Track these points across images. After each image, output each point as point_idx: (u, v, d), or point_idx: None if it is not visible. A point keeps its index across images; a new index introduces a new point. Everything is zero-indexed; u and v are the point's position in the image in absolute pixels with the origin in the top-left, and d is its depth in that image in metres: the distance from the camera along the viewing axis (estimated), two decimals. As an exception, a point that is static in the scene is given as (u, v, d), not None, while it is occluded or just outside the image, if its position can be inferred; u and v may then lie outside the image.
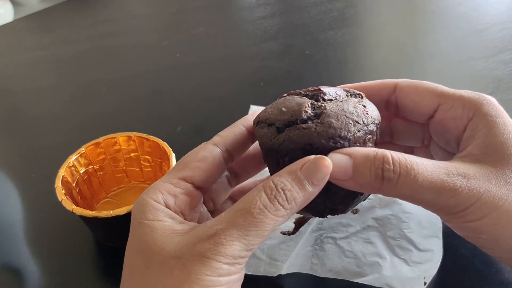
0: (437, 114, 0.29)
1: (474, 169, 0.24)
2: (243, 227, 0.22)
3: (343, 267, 0.33)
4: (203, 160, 0.27)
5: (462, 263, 0.34)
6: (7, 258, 0.38)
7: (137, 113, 0.55)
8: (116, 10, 0.84)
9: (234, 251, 0.22)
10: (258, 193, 0.23)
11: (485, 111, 0.26)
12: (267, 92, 0.56)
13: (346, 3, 0.78)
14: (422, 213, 0.36)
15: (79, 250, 0.37)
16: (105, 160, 0.40)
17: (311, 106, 0.26)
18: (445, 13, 0.75)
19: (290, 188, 0.23)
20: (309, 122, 0.25)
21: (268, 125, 0.27)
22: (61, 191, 0.34)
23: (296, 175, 0.23)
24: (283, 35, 0.70)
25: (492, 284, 0.33)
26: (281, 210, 0.22)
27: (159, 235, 0.23)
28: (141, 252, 0.23)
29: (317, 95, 0.27)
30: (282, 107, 0.27)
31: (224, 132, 0.29)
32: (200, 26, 0.74)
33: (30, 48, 0.71)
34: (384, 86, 0.31)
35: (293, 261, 0.34)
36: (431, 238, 0.34)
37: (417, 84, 0.30)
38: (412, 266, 0.33)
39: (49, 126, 0.54)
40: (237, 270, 0.22)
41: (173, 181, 0.26)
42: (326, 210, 0.27)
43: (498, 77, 0.56)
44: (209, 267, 0.21)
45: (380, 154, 0.23)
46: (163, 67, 0.64)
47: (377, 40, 0.69)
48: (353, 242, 0.35)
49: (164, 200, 0.25)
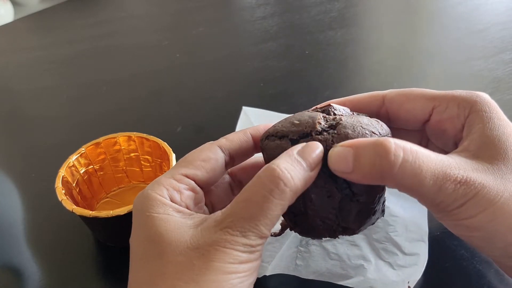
0: (433, 117, 0.29)
1: (472, 164, 0.24)
2: (252, 218, 0.22)
3: (328, 269, 0.33)
4: (207, 160, 0.27)
5: (462, 263, 0.34)
6: (7, 258, 0.38)
7: (137, 113, 0.55)
8: (116, 10, 0.84)
9: (250, 241, 0.22)
10: (260, 180, 0.23)
11: (480, 107, 0.26)
12: (267, 92, 0.56)
13: (346, 3, 0.78)
14: (408, 216, 0.36)
15: (79, 250, 0.37)
16: (105, 160, 0.40)
17: (324, 119, 0.26)
18: (445, 13, 0.75)
19: (292, 168, 0.23)
20: (324, 133, 0.25)
21: (280, 138, 0.27)
22: (61, 191, 0.34)
23: (295, 157, 0.24)
24: (283, 35, 0.70)
25: (492, 284, 0.33)
26: (287, 192, 0.23)
27: (172, 227, 0.23)
28: (154, 243, 0.23)
29: (328, 109, 0.27)
30: (294, 120, 0.27)
31: (231, 136, 0.29)
32: (200, 26, 0.74)
33: (30, 48, 0.71)
34: (372, 99, 0.30)
35: (278, 262, 0.34)
36: (417, 242, 0.34)
37: (407, 92, 0.29)
38: (396, 269, 0.33)
39: (49, 126, 0.54)
40: (256, 257, 0.23)
41: (177, 177, 0.26)
42: (339, 229, 0.27)
43: (498, 77, 0.56)
44: (230, 255, 0.22)
45: (380, 143, 0.23)
46: (163, 67, 0.64)
47: (377, 40, 0.69)
48: (338, 244, 0.35)
49: (170, 195, 0.25)
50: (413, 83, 0.56)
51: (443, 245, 0.35)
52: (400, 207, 0.37)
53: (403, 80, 0.57)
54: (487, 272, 0.33)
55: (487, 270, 0.33)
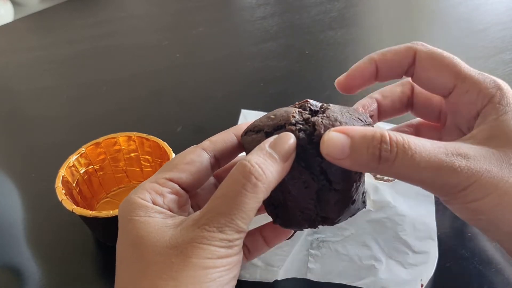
0: (452, 95, 0.28)
1: (475, 150, 0.24)
2: (228, 213, 0.23)
3: (339, 271, 0.33)
4: (191, 163, 0.27)
5: (462, 263, 0.34)
6: (7, 258, 0.38)
7: (137, 113, 0.55)
8: (116, 10, 0.84)
9: (227, 235, 0.23)
10: (233, 176, 0.24)
11: (498, 100, 0.26)
12: (267, 92, 0.56)
13: (346, 3, 0.78)
14: (416, 215, 0.36)
15: (79, 250, 0.37)
16: (105, 160, 0.40)
17: (299, 113, 0.27)
18: (445, 13, 0.75)
19: (264, 162, 0.24)
20: (298, 125, 0.26)
21: (256, 132, 0.27)
22: (61, 191, 0.34)
23: (266, 150, 0.24)
24: (283, 35, 0.70)
25: (492, 284, 0.33)
26: (259, 186, 0.23)
27: (152, 228, 0.23)
28: (135, 246, 0.23)
29: (305, 105, 0.28)
30: (270, 115, 0.28)
31: (214, 138, 0.29)
32: (200, 26, 0.74)
33: (30, 48, 0.71)
34: (403, 56, 0.29)
35: (289, 266, 0.34)
36: (426, 240, 0.34)
37: (436, 57, 0.28)
38: (408, 268, 0.33)
39: (49, 126, 0.54)
40: (235, 251, 0.23)
41: (160, 181, 0.26)
42: (318, 219, 0.27)
43: (498, 77, 0.56)
44: (207, 251, 0.22)
45: (378, 134, 0.23)
46: (163, 67, 0.64)
47: (377, 40, 0.69)
48: (348, 245, 0.35)
49: (152, 199, 0.25)
50: (413, 83, 0.56)
51: (443, 245, 0.35)
52: (407, 206, 0.37)
53: (403, 80, 0.57)
54: (487, 272, 0.33)
55: (487, 270, 0.34)
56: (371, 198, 0.39)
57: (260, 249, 0.31)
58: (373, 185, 0.40)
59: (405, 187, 0.39)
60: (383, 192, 0.39)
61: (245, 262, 0.31)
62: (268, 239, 0.30)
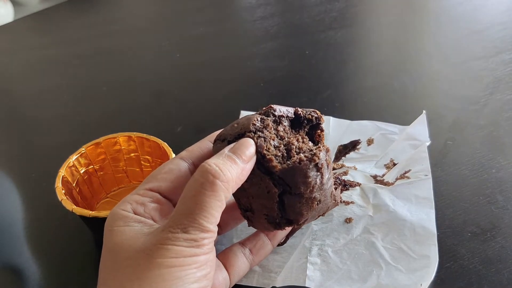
0: None
1: None
2: (190, 213, 0.24)
3: (339, 278, 0.33)
4: (169, 172, 0.29)
5: (462, 263, 0.34)
6: (7, 258, 0.38)
7: (137, 113, 0.55)
8: (116, 10, 0.84)
9: (191, 235, 0.24)
10: (194, 177, 0.25)
11: None
12: (267, 92, 0.56)
13: (346, 3, 0.78)
14: (416, 219, 0.36)
15: (79, 250, 0.38)
16: (105, 160, 0.40)
17: (260, 120, 0.29)
18: (445, 13, 0.75)
19: (222, 162, 0.25)
20: (258, 132, 0.28)
21: (222, 140, 0.29)
22: (61, 191, 0.34)
23: (225, 153, 0.26)
24: (283, 35, 0.70)
25: (492, 284, 0.33)
26: (217, 184, 0.24)
27: (127, 236, 0.25)
28: (111, 252, 0.25)
29: (268, 112, 0.30)
30: (234, 123, 0.30)
31: (191, 147, 0.31)
32: (200, 26, 0.74)
33: (30, 48, 0.71)
34: None
35: (288, 274, 0.34)
36: (426, 245, 0.34)
37: None
38: (408, 273, 0.32)
39: (49, 126, 0.54)
40: (204, 251, 0.24)
41: (141, 192, 0.28)
42: (283, 222, 0.29)
43: (498, 77, 0.56)
44: (172, 251, 0.23)
45: None
46: (163, 67, 0.64)
47: (377, 40, 0.69)
48: (348, 251, 0.35)
49: (133, 209, 0.27)
50: (413, 83, 0.56)
51: (443, 245, 0.35)
52: (407, 210, 0.37)
53: (403, 80, 0.57)
54: (487, 272, 0.33)
55: (487, 270, 0.34)
56: (370, 202, 0.38)
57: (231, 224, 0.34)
58: (372, 188, 0.39)
59: (405, 191, 0.39)
60: (382, 196, 0.38)
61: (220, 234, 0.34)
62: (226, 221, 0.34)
